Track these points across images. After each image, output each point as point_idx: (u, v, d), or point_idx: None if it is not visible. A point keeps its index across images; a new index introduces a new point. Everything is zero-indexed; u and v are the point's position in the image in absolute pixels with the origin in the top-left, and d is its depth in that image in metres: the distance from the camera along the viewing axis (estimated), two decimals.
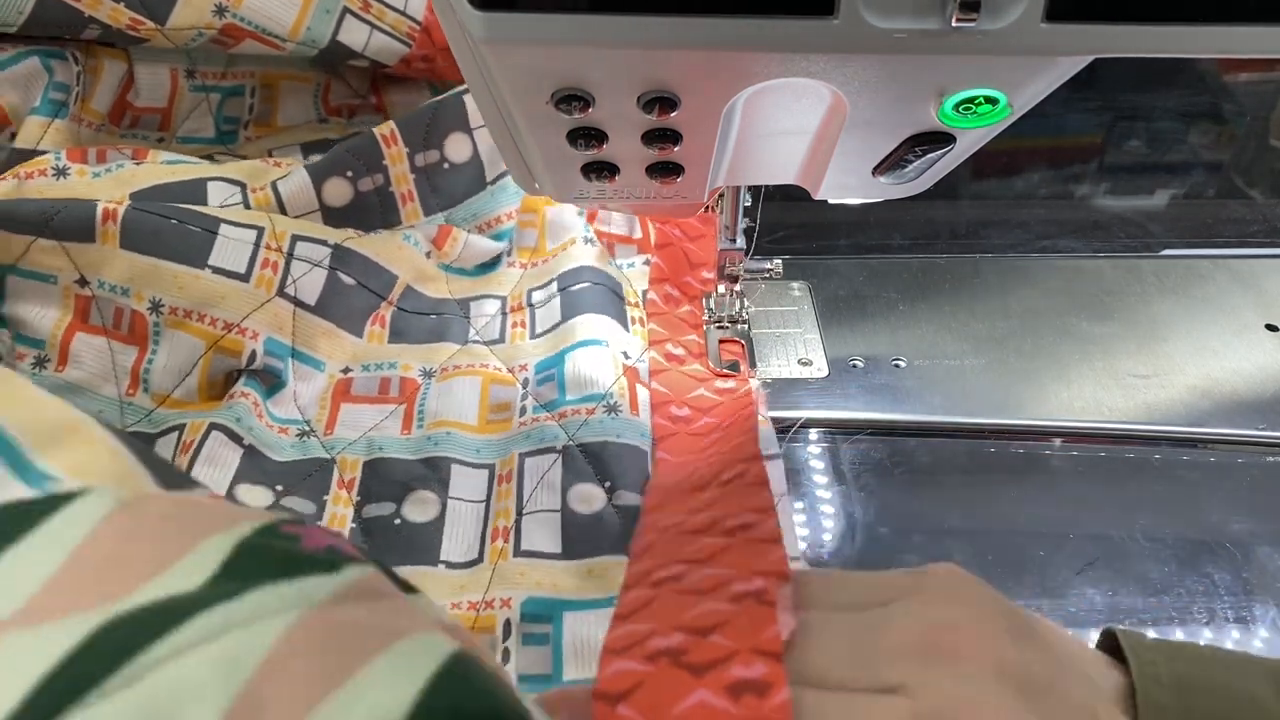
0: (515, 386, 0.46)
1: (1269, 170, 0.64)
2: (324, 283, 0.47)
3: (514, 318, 0.51)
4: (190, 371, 0.45)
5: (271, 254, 0.46)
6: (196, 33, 0.52)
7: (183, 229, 0.44)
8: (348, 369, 0.48)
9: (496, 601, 0.37)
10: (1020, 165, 0.65)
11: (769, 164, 0.36)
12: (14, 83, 0.52)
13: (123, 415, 0.45)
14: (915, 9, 0.23)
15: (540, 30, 0.24)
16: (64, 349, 0.45)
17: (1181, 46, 0.23)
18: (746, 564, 0.28)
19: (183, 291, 0.44)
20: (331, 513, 0.41)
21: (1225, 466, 0.43)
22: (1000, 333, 0.50)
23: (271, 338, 0.45)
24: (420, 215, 0.51)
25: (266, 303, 0.45)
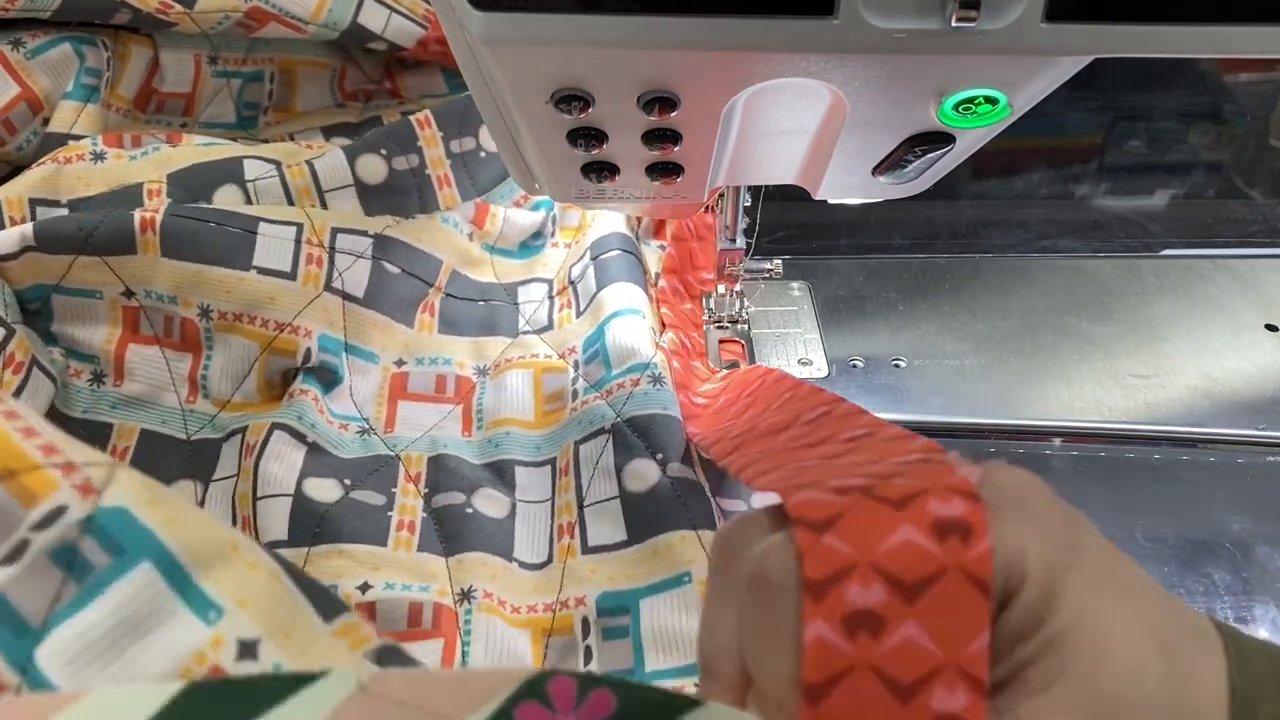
0: (567, 372, 0.47)
1: (1269, 170, 0.64)
2: (369, 273, 0.47)
3: (560, 300, 0.51)
4: (248, 374, 0.45)
5: (314, 249, 0.45)
6: (223, 15, 0.53)
7: (222, 230, 0.44)
8: (401, 361, 0.48)
9: (571, 601, 0.38)
10: (1020, 165, 0.65)
11: (769, 164, 0.36)
12: (47, 68, 0.52)
13: (186, 423, 0.45)
14: (915, 9, 0.23)
15: (540, 30, 0.24)
16: (119, 363, 0.45)
17: (1181, 46, 0.23)
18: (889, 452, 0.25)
19: (230, 295, 0.44)
20: (401, 503, 0.41)
21: (1225, 466, 0.43)
22: (1000, 333, 0.50)
23: (325, 334, 0.45)
24: (457, 200, 0.51)
25: (315, 299, 0.45)
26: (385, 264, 0.47)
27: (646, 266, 0.51)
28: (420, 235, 0.49)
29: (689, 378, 0.45)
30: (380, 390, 0.47)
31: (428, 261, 0.49)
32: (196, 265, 0.43)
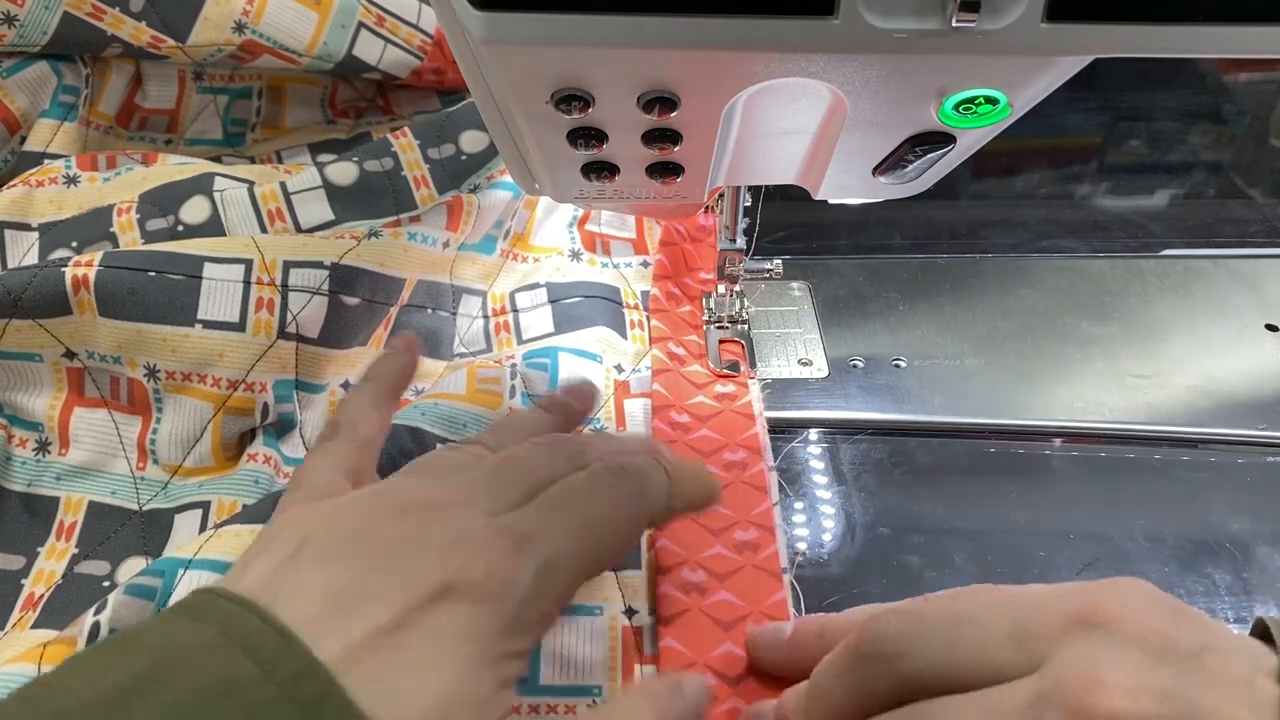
0: (504, 367, 0.45)
1: (1269, 170, 0.64)
2: (326, 311, 0.44)
3: (496, 321, 0.50)
4: (200, 437, 0.43)
5: (265, 290, 0.42)
6: (216, 49, 0.52)
7: (163, 281, 0.41)
8: (347, 383, 0.46)
9: None
10: (1020, 165, 0.65)
11: (769, 164, 0.36)
12: (24, 87, 0.52)
13: (138, 492, 0.43)
14: (915, 9, 0.23)
15: (540, 30, 0.24)
16: (64, 431, 0.43)
17: (1181, 46, 0.23)
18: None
19: (176, 354, 0.41)
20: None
21: (1225, 467, 0.43)
22: (1000, 333, 0.50)
23: (279, 379, 0.43)
24: (435, 197, 0.49)
25: (269, 349, 0.42)
26: (343, 297, 0.44)
27: (620, 296, 0.50)
28: (384, 259, 0.46)
29: (676, 394, 0.45)
30: (327, 414, 0.45)
31: (390, 284, 0.46)
32: (137, 325, 0.41)
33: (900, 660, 0.27)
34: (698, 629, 0.35)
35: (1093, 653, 0.25)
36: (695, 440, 0.42)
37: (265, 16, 0.52)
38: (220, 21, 0.51)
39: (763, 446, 0.42)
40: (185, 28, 0.51)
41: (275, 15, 0.52)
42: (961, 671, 0.26)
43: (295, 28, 0.53)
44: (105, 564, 0.41)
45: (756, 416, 0.44)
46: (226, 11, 0.51)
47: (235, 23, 0.52)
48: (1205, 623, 0.27)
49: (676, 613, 0.36)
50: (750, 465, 0.40)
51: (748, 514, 0.40)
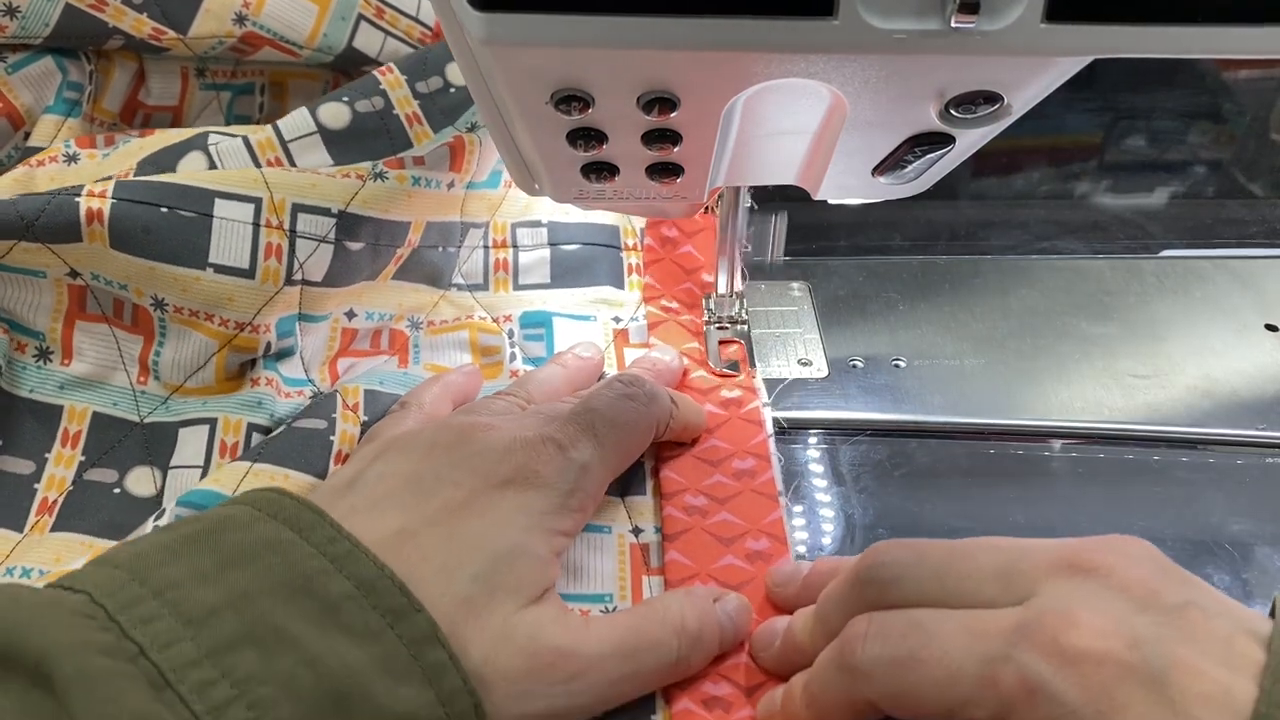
0: (502, 335, 0.47)
1: (1270, 166, 0.64)
2: (331, 257, 0.45)
3: (496, 255, 0.51)
4: (203, 366, 0.44)
5: (273, 234, 0.43)
6: (217, 41, 0.52)
7: (175, 219, 0.41)
8: (351, 313, 0.47)
9: None
10: (1020, 165, 0.65)
11: (769, 164, 0.36)
12: (29, 83, 0.52)
13: (138, 405, 0.44)
14: (915, 9, 0.23)
15: (540, 31, 0.24)
16: (66, 343, 0.44)
17: (1181, 46, 0.23)
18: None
19: (186, 293, 0.42)
20: (342, 430, 0.41)
21: (1225, 467, 0.43)
22: (1000, 333, 0.50)
23: (282, 317, 0.44)
24: (430, 135, 0.49)
25: (276, 294, 0.44)
26: (347, 244, 0.45)
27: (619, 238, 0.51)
28: (389, 205, 0.46)
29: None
30: (329, 344, 0.47)
31: (395, 228, 0.47)
32: (150, 262, 0.41)
33: (894, 586, 0.30)
34: (700, 544, 0.38)
35: (1074, 594, 0.27)
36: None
37: (265, 8, 0.52)
38: (221, 13, 0.51)
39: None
40: (186, 19, 0.51)
41: (275, 7, 0.52)
42: (951, 601, 0.29)
43: (295, 19, 0.53)
44: (113, 472, 0.42)
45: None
46: (227, 3, 0.52)
47: (236, 14, 0.52)
48: (1194, 582, 0.28)
49: (680, 531, 0.39)
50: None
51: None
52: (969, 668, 0.27)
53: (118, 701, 0.23)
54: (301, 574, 0.27)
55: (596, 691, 0.31)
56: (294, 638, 0.26)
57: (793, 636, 0.33)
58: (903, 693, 0.28)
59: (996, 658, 0.26)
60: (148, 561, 0.27)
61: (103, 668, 0.24)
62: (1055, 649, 0.25)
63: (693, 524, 0.39)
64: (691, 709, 0.33)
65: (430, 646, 0.28)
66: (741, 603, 0.35)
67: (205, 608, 0.26)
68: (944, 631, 0.28)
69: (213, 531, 0.28)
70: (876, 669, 0.28)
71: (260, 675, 0.25)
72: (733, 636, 0.34)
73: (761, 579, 0.37)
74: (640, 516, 0.40)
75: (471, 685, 0.28)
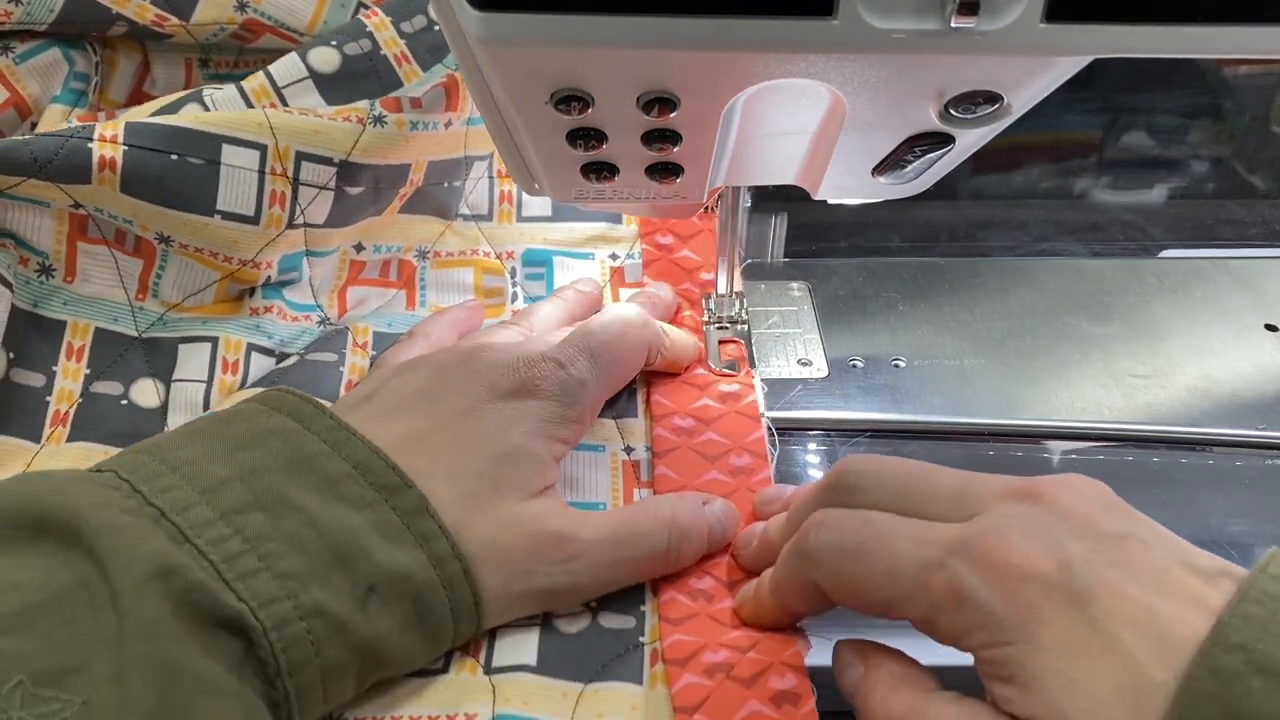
0: (505, 275, 0.50)
1: (1270, 159, 0.64)
2: (331, 203, 0.46)
3: (501, 187, 0.53)
4: (203, 290, 0.45)
5: (277, 182, 0.44)
6: (218, 28, 0.53)
7: (185, 166, 0.42)
8: (360, 246, 0.49)
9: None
10: (1020, 166, 0.65)
11: (769, 164, 0.36)
12: (36, 73, 0.52)
13: (135, 320, 0.45)
14: (915, 9, 0.23)
15: (539, 30, 0.24)
16: (70, 262, 0.45)
17: (1181, 46, 0.23)
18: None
19: (194, 236, 0.44)
20: (351, 363, 0.45)
21: (1225, 468, 0.43)
22: (1000, 333, 0.50)
23: (286, 255, 0.46)
24: (419, 74, 0.50)
25: (278, 237, 0.45)
26: (348, 189, 0.46)
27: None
28: (389, 151, 0.47)
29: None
30: (338, 275, 0.49)
31: (395, 171, 0.48)
32: (158, 207, 0.43)
33: (856, 494, 0.32)
34: (687, 461, 0.41)
35: (1016, 517, 0.28)
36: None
37: None
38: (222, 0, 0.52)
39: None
40: (188, 6, 0.52)
41: None
42: (906, 511, 0.30)
43: (296, 6, 0.53)
44: (118, 385, 0.44)
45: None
46: None
47: (237, 1, 0.52)
48: (1142, 520, 0.29)
49: (668, 449, 0.42)
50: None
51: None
52: (907, 569, 0.29)
53: (142, 545, 0.27)
54: (303, 455, 0.31)
55: (593, 573, 0.34)
56: (297, 504, 0.30)
57: (767, 535, 0.36)
58: (846, 581, 0.30)
59: (933, 564, 0.28)
60: (165, 447, 0.31)
61: (128, 521, 0.27)
62: (986, 563, 0.27)
63: (680, 443, 0.42)
64: (677, 598, 0.36)
65: (421, 517, 0.31)
66: (727, 507, 0.38)
67: (217, 479, 0.29)
68: (891, 533, 0.30)
69: (222, 422, 0.32)
70: (826, 555, 0.31)
71: (268, 534, 0.29)
72: (719, 536, 0.37)
73: (744, 491, 0.40)
74: (632, 436, 0.43)
75: (460, 552, 0.32)
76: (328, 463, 0.31)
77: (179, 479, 0.29)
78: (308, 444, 0.31)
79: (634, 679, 0.34)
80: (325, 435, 0.32)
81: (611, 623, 0.35)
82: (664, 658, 0.34)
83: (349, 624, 0.29)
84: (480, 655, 0.34)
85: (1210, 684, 0.23)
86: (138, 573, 0.26)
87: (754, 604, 0.34)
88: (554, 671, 0.34)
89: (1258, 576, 0.26)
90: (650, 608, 0.36)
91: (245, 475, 0.30)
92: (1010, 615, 0.26)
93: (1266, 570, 0.26)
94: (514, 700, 0.33)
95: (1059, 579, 0.26)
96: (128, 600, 0.25)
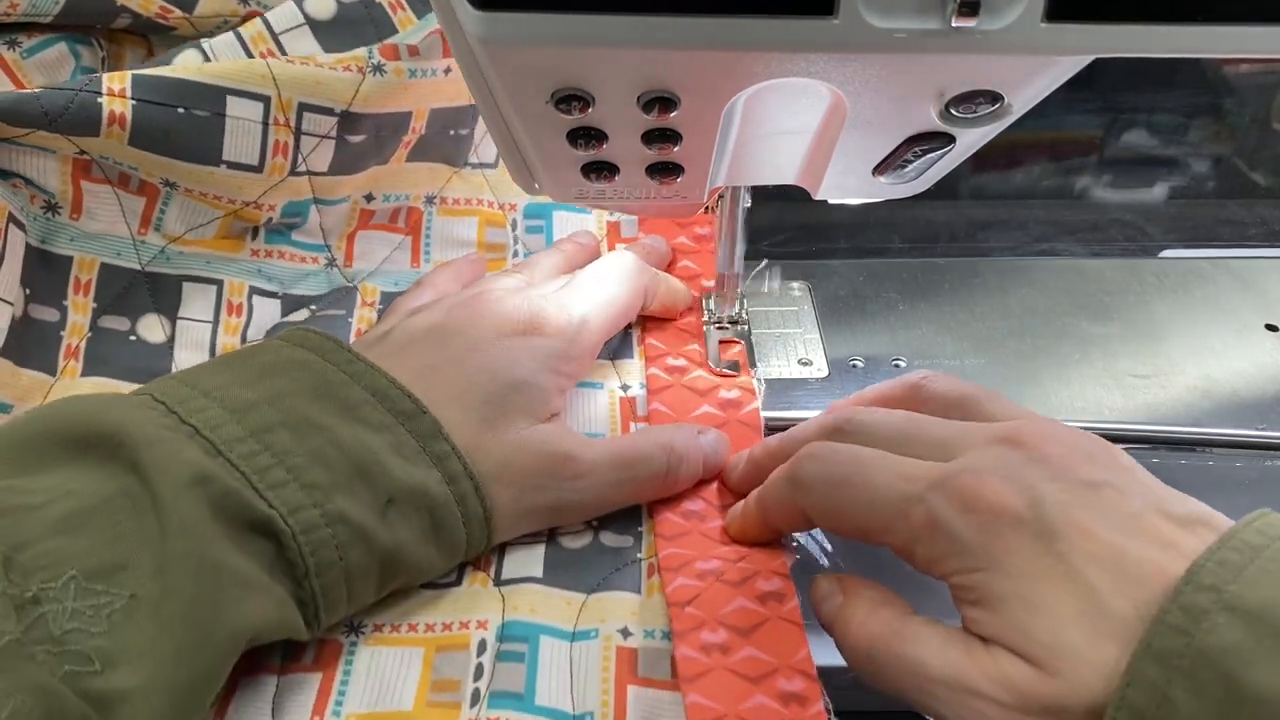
0: (507, 229, 0.52)
1: (1271, 155, 0.64)
2: (332, 151, 0.47)
3: None
4: (206, 224, 0.47)
5: (281, 132, 0.45)
6: (222, 20, 0.53)
7: (192, 120, 0.43)
8: (370, 196, 0.50)
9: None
10: (1020, 166, 0.65)
11: (769, 164, 0.36)
12: (43, 68, 0.52)
13: (138, 253, 0.46)
14: (915, 9, 0.23)
15: (540, 30, 0.24)
16: (76, 200, 0.45)
17: (1181, 46, 0.23)
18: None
19: (199, 183, 0.45)
20: (360, 315, 0.48)
21: (1225, 468, 0.43)
22: (1000, 333, 0.50)
23: (291, 201, 0.47)
24: (414, 21, 0.51)
25: (280, 183, 0.46)
26: (349, 138, 0.47)
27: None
28: (388, 99, 0.48)
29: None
30: (348, 221, 0.50)
31: (396, 119, 0.49)
32: (165, 158, 0.44)
33: (851, 437, 0.34)
34: (679, 396, 0.44)
35: (995, 460, 0.30)
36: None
37: None
38: None
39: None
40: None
41: None
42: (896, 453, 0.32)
43: None
44: (125, 320, 0.45)
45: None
46: None
47: None
48: (1125, 471, 0.30)
49: (662, 386, 0.45)
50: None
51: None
52: (889, 501, 0.31)
53: (180, 456, 0.29)
54: (325, 383, 0.33)
55: (596, 491, 0.37)
56: (321, 425, 0.32)
57: (754, 457, 0.39)
58: (830, 509, 0.33)
59: (913, 498, 0.30)
60: (194, 375, 0.33)
61: (166, 435, 0.30)
62: (961, 499, 0.29)
63: (673, 381, 0.45)
64: (671, 518, 0.39)
65: (435, 440, 0.34)
66: (720, 436, 0.41)
67: (246, 402, 0.32)
68: (878, 468, 0.32)
69: (248, 355, 0.35)
70: (815, 484, 0.33)
71: (294, 449, 0.31)
72: (712, 462, 0.40)
73: (734, 423, 0.43)
74: (628, 375, 0.46)
75: (471, 471, 0.34)
76: (348, 390, 0.33)
77: (210, 401, 0.32)
78: (329, 374, 0.34)
79: (633, 589, 0.36)
80: (345, 367, 0.34)
81: (611, 541, 0.38)
82: (659, 567, 0.36)
83: (370, 532, 0.32)
84: (490, 569, 0.37)
85: (1179, 619, 0.25)
86: (177, 480, 0.28)
87: (741, 520, 0.37)
88: (559, 583, 0.36)
89: (1241, 529, 0.27)
90: (647, 528, 0.39)
91: (272, 399, 0.32)
92: (979, 545, 0.28)
93: (1251, 525, 0.27)
94: (522, 608, 0.35)
95: (1028, 516, 0.28)
96: (168, 504, 0.28)
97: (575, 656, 0.34)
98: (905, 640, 0.30)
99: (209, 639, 0.28)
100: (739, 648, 0.33)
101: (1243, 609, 0.25)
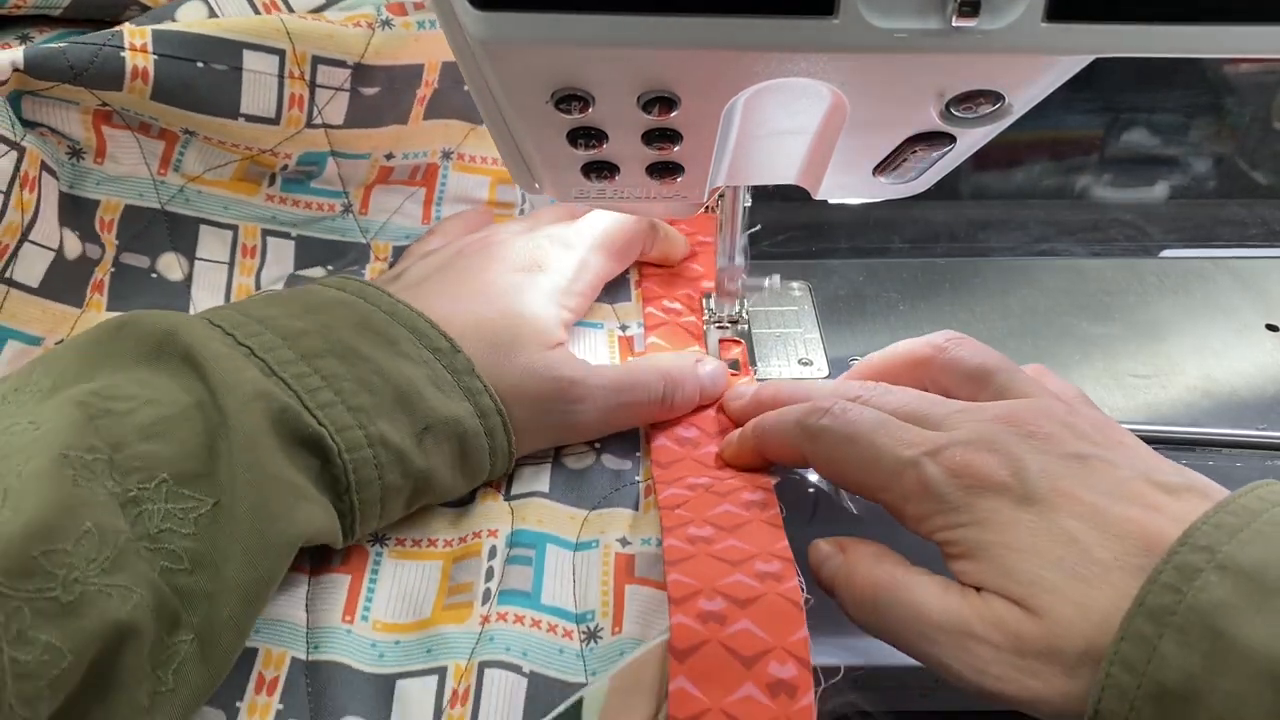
0: (515, 187, 0.53)
1: (1272, 153, 0.64)
2: (348, 103, 0.49)
3: None
4: (223, 166, 0.48)
5: (295, 85, 0.47)
6: None
7: (210, 74, 0.45)
8: (390, 154, 0.51)
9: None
10: (1020, 166, 0.65)
11: (769, 164, 0.36)
12: None
13: (158, 193, 0.48)
14: (915, 9, 0.23)
15: (540, 30, 0.24)
16: (100, 147, 0.47)
17: (1181, 46, 0.23)
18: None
19: (217, 132, 0.47)
20: (373, 267, 0.50)
21: (1225, 469, 0.43)
22: (1000, 333, 0.50)
23: (308, 152, 0.49)
24: None
25: (297, 134, 0.48)
26: (362, 90, 0.49)
27: None
28: (399, 52, 0.49)
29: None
30: (368, 175, 0.51)
31: (407, 72, 0.50)
32: (185, 111, 0.45)
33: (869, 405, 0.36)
34: (675, 334, 0.47)
35: (988, 434, 0.32)
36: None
37: None
38: None
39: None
40: None
41: None
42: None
43: None
44: (145, 258, 0.47)
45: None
46: None
47: None
48: (1117, 445, 0.32)
49: (658, 324, 0.47)
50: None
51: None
52: (887, 462, 0.33)
53: (242, 373, 0.32)
54: (366, 319, 0.36)
55: (597, 414, 0.40)
56: (365, 355, 0.35)
57: (759, 396, 0.41)
58: (833, 461, 0.36)
59: (909, 462, 0.33)
60: (246, 306, 0.36)
61: (227, 353, 0.32)
62: (951, 465, 0.32)
63: (668, 320, 0.48)
64: (666, 444, 0.41)
65: (468, 376, 0.37)
66: (718, 365, 0.43)
67: (296, 330, 0.35)
68: (883, 432, 0.34)
69: (292, 295, 0.37)
70: (824, 435, 0.35)
71: (342, 375, 0.34)
72: (710, 390, 0.42)
73: (726, 359, 0.45)
74: (626, 316, 0.48)
75: (500, 405, 0.37)
76: (388, 327, 0.36)
77: (263, 327, 0.34)
78: (370, 313, 0.36)
79: (630, 506, 0.39)
80: (384, 308, 0.37)
81: (612, 464, 0.41)
82: (655, 487, 0.39)
83: (407, 455, 0.34)
84: (500, 487, 0.40)
85: (1172, 577, 0.27)
86: (242, 394, 0.31)
87: (736, 447, 0.40)
88: (563, 499, 0.39)
89: (1240, 495, 0.28)
90: (644, 453, 0.41)
91: (319, 330, 0.35)
92: (964, 504, 0.31)
93: (1253, 492, 0.28)
94: (530, 520, 0.38)
95: (1013, 483, 0.31)
96: (234, 417, 0.31)
97: (578, 564, 0.37)
98: (908, 588, 0.32)
99: (272, 543, 0.30)
100: (722, 540, 0.36)
101: (1234, 568, 0.26)
